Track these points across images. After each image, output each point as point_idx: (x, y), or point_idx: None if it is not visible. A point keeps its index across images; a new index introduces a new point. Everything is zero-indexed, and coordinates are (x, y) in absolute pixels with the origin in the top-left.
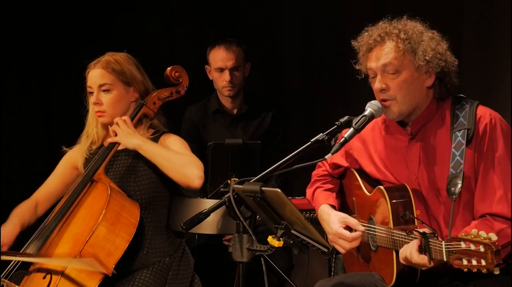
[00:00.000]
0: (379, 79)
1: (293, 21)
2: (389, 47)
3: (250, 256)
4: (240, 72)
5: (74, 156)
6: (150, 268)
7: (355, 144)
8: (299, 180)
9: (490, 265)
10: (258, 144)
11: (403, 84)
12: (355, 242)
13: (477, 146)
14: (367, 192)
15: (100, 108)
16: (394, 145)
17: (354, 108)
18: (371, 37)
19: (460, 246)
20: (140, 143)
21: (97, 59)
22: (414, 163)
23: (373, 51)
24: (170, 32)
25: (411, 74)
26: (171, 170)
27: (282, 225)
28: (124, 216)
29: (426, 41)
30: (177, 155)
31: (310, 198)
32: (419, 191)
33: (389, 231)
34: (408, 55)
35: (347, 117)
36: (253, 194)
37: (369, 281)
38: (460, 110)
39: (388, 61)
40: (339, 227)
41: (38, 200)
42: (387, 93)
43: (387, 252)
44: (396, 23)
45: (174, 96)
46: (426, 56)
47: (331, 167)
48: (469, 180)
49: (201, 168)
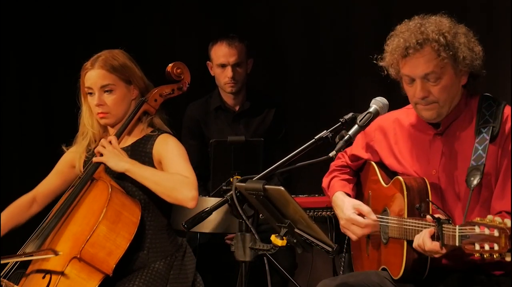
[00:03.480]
0: (420, 87)
1: (296, 16)
2: (430, 55)
3: (253, 255)
4: (242, 68)
5: (72, 155)
6: (151, 268)
7: (376, 136)
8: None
9: (503, 249)
10: (261, 142)
11: (445, 89)
12: (367, 228)
13: (501, 144)
14: (384, 184)
15: (103, 110)
16: (417, 138)
17: (358, 104)
18: (406, 42)
19: (474, 231)
20: (128, 167)
21: (93, 58)
22: (436, 157)
23: (412, 58)
24: (171, 28)
25: (451, 78)
26: (163, 194)
27: (285, 224)
28: (125, 215)
29: (463, 43)
30: (167, 178)
31: (325, 186)
32: (437, 185)
33: (401, 221)
34: (449, 60)
35: (351, 113)
36: (256, 192)
37: (374, 281)
38: (487, 108)
39: (430, 70)
40: (353, 213)
41: (37, 196)
42: (428, 99)
43: (398, 244)
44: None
45: (176, 93)
46: (467, 61)
47: (351, 158)
48: (489, 177)
49: (194, 187)
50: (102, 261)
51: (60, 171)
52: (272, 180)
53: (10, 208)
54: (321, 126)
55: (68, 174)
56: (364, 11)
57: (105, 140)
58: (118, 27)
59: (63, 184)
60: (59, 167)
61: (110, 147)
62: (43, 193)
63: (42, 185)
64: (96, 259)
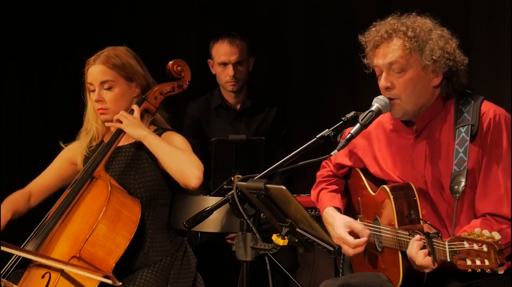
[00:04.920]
0: (384, 77)
1: (298, 13)
2: (395, 45)
3: (254, 255)
4: (244, 67)
5: (73, 151)
6: (151, 267)
7: (359, 142)
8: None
9: (494, 265)
10: (262, 140)
11: (409, 83)
12: (358, 248)
13: (481, 143)
14: (371, 192)
15: (102, 106)
16: (399, 144)
17: (360, 103)
18: (378, 33)
19: (463, 246)
20: (145, 134)
21: (97, 54)
22: (420, 161)
23: (380, 48)
24: (172, 25)
25: (417, 73)
26: (172, 165)
27: (287, 223)
28: (124, 214)
29: (435, 39)
30: (180, 152)
31: (314, 200)
32: (425, 190)
33: (394, 232)
34: (415, 54)
35: (353, 112)
36: (257, 192)
37: (375, 282)
38: (465, 105)
39: (394, 59)
40: (344, 232)
41: (32, 191)
42: (392, 92)
43: (393, 253)
44: (405, 19)
45: (176, 91)
46: (433, 56)
47: (336, 167)
48: (473, 178)
49: (201, 169)
50: (101, 260)
51: (58, 167)
52: (274, 179)
53: (6, 201)
54: (323, 124)
55: (66, 171)
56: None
57: (125, 111)
58: (118, 25)
59: (60, 181)
60: (57, 163)
61: (130, 117)
62: (39, 189)
63: (38, 181)
64: (96, 258)
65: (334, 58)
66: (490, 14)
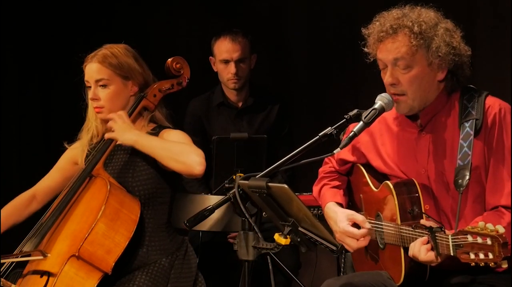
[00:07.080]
0: (389, 73)
1: (300, 10)
2: (401, 41)
3: (256, 254)
4: (246, 64)
5: (75, 151)
6: (151, 267)
7: (362, 138)
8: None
9: (498, 258)
10: (264, 138)
11: (414, 79)
12: (363, 240)
13: (486, 137)
14: (374, 188)
15: (98, 104)
16: (402, 138)
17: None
18: (383, 27)
19: (467, 240)
20: (135, 139)
21: (94, 52)
22: (423, 155)
23: (384, 43)
24: (174, 23)
25: (423, 69)
26: (170, 160)
27: (289, 222)
28: (124, 212)
29: (440, 34)
30: (175, 144)
31: (316, 196)
32: (428, 185)
33: (396, 228)
34: (421, 50)
35: (356, 110)
36: (259, 190)
37: (378, 280)
38: (469, 100)
39: (399, 55)
40: (347, 225)
41: (37, 193)
42: (397, 88)
43: (395, 250)
44: (409, 12)
45: (175, 88)
46: (440, 52)
47: (338, 163)
48: (478, 172)
49: (202, 155)
50: (101, 259)
51: (61, 168)
52: (276, 177)
53: (9, 205)
54: (326, 122)
55: (70, 171)
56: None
57: (116, 114)
58: (119, 22)
59: (64, 181)
60: (61, 164)
61: (120, 121)
62: (44, 191)
63: (43, 182)
64: (95, 257)
65: (337, 56)
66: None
